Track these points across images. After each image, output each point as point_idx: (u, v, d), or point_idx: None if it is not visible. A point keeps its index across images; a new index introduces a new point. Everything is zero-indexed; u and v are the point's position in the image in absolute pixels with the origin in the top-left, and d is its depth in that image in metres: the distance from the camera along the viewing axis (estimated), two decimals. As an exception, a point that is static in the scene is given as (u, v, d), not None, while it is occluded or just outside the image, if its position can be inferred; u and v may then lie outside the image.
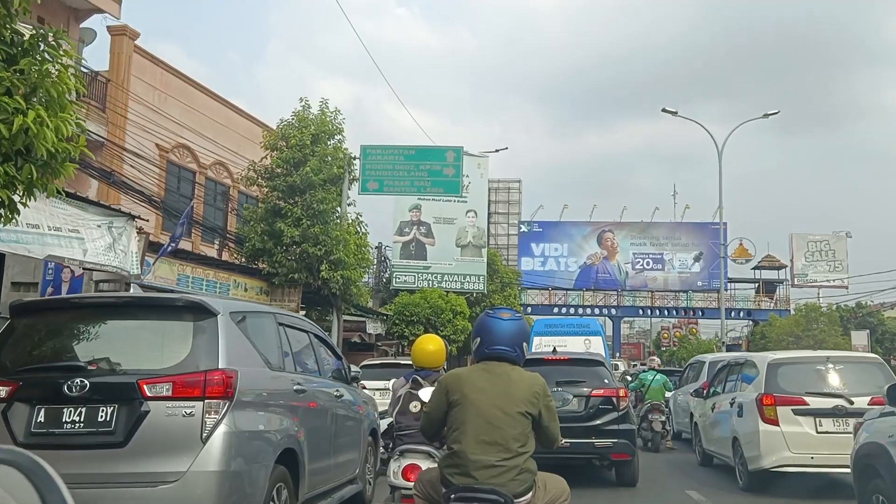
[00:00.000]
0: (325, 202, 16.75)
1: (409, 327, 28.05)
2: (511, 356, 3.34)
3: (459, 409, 3.22)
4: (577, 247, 52.12)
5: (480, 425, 3.14)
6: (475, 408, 3.18)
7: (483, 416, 3.16)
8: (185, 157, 22.46)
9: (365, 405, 7.49)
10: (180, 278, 14.45)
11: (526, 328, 3.53)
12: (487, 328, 3.39)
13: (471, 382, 3.28)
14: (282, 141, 17.43)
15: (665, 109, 25.66)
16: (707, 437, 10.45)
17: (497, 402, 3.18)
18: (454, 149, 18.49)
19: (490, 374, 3.28)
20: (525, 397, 3.21)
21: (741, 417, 8.67)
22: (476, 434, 3.13)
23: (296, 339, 5.96)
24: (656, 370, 13.75)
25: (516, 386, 3.24)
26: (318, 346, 6.58)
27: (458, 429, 3.19)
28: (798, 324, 43.95)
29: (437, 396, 3.40)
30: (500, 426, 3.14)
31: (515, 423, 3.16)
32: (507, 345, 3.33)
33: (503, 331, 3.35)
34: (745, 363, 9.17)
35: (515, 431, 3.15)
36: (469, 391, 3.23)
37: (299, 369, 5.78)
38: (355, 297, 18.31)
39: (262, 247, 17.36)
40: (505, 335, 3.34)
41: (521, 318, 3.49)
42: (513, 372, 3.30)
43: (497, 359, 3.33)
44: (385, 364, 13.61)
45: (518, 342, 3.37)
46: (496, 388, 3.22)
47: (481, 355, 3.39)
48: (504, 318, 3.39)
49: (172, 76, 21.97)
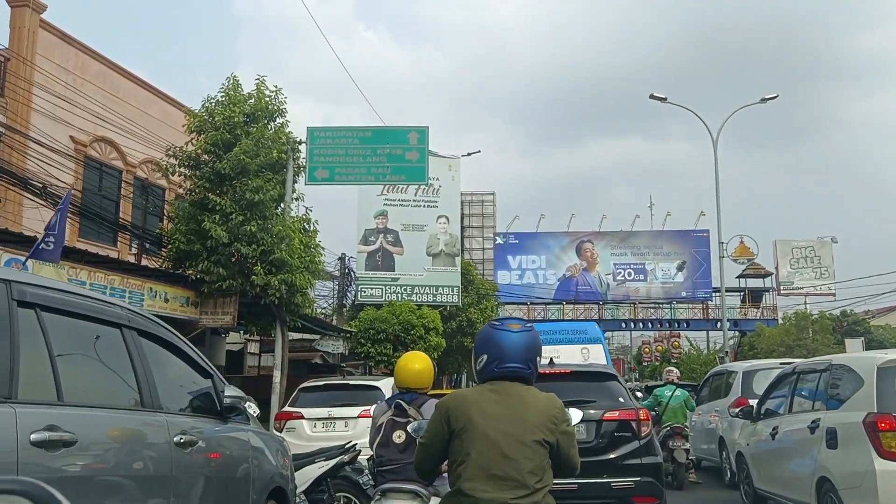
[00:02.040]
0: (260, 191, 13.78)
1: (376, 346, 25.14)
2: (526, 374, 2.86)
3: (465, 439, 2.71)
4: (556, 258, 50.02)
5: (491, 457, 2.66)
6: (484, 437, 2.69)
7: (494, 446, 2.67)
8: (108, 152, 19.42)
9: (258, 452, 4.58)
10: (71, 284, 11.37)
11: (538, 340, 2.96)
12: (496, 343, 2.86)
13: (478, 406, 2.76)
14: (208, 121, 14.48)
15: (653, 96, 23.22)
16: (764, 473, 7.63)
17: (510, 429, 2.70)
18: (418, 129, 15.62)
19: (501, 395, 2.78)
20: (542, 422, 2.73)
21: (834, 449, 5.89)
22: (486, 468, 2.65)
23: (89, 345, 3.11)
24: (675, 384, 10.96)
25: (532, 409, 2.76)
26: (161, 360, 3.73)
27: (464, 462, 2.69)
28: (789, 333, 41.93)
29: (436, 424, 2.84)
30: (514, 458, 2.66)
31: (532, 454, 2.68)
32: (521, 361, 2.84)
33: (515, 345, 2.85)
34: (832, 369, 6.35)
35: (532, 464, 2.67)
36: (477, 416, 2.72)
37: (82, 400, 2.88)
38: (302, 308, 15.26)
39: (189, 249, 14.32)
40: (517, 350, 2.85)
41: (532, 329, 2.95)
42: (526, 393, 2.80)
43: (509, 378, 2.83)
44: (329, 386, 10.62)
45: (532, 357, 2.89)
46: (509, 413, 2.73)
47: (489, 375, 2.84)
48: (514, 331, 2.87)
49: (91, 58, 18.99)
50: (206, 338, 23.20)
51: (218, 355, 25.18)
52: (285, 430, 9.84)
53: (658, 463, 6.88)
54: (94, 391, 3.22)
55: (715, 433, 11.14)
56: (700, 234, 48.93)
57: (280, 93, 15.40)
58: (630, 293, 49.18)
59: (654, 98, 23.22)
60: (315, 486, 6.72)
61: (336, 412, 9.79)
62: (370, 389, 10.24)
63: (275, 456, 4.91)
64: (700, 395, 12.68)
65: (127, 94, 19.71)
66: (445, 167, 30.99)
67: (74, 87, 17.84)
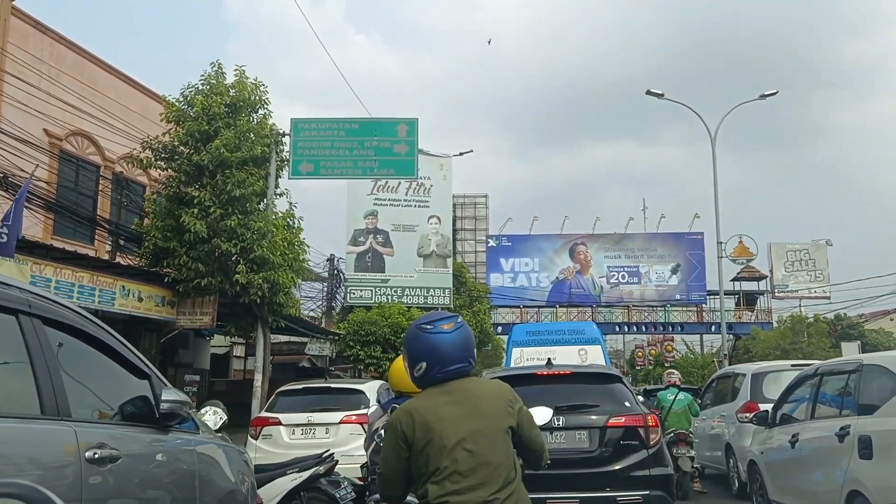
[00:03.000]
0: (242, 186, 13.06)
1: (365, 348, 24.52)
2: (467, 371, 2.71)
3: (430, 451, 2.54)
4: (549, 261, 49.48)
5: (463, 461, 2.52)
6: (450, 441, 2.53)
7: (462, 449, 2.53)
8: (84, 147, 18.65)
9: (207, 467, 3.88)
10: (35, 281, 10.65)
11: (471, 332, 2.80)
12: (433, 347, 2.66)
13: (434, 413, 2.58)
14: (187, 111, 13.75)
15: (650, 92, 22.62)
16: (782, 484, 6.97)
17: (474, 426, 2.57)
18: (407, 121, 14.93)
19: (452, 395, 2.63)
20: (501, 409, 2.65)
21: (868, 460, 5.24)
22: (461, 473, 2.50)
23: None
24: (678, 387, 10.30)
25: (487, 399, 2.65)
26: (76, 356, 3.05)
27: (434, 474, 2.51)
28: (784, 336, 41.57)
29: (393, 445, 2.62)
30: (484, 455, 2.54)
31: (500, 445, 2.59)
32: (463, 360, 2.68)
33: (454, 345, 2.67)
34: (863, 370, 5.69)
35: (502, 455, 2.58)
36: (436, 424, 2.55)
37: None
38: (285, 308, 14.53)
39: (166, 246, 13.60)
40: (457, 350, 2.67)
41: (464, 323, 2.76)
42: (471, 385, 2.69)
43: (453, 379, 2.67)
44: (309, 389, 9.89)
45: (471, 352, 2.73)
46: (467, 411, 2.60)
47: (432, 381, 2.67)
48: (449, 331, 2.68)
49: (67, 48, 18.24)
50: (189, 340, 22.50)
51: (202, 358, 24.45)
52: (261, 437, 9.13)
53: (669, 474, 6.23)
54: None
55: (721, 439, 10.49)
56: (694, 236, 48.52)
57: (262, 84, 14.71)
58: (624, 296, 48.69)
59: (651, 94, 22.64)
60: (287, 501, 6.04)
61: (316, 418, 9.09)
62: (353, 393, 9.54)
63: (231, 470, 4.21)
64: (703, 398, 12.04)
65: (105, 87, 18.95)
66: (437, 166, 30.37)
67: (49, 77, 17.11)
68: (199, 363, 23.38)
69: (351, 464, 8.39)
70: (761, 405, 8.87)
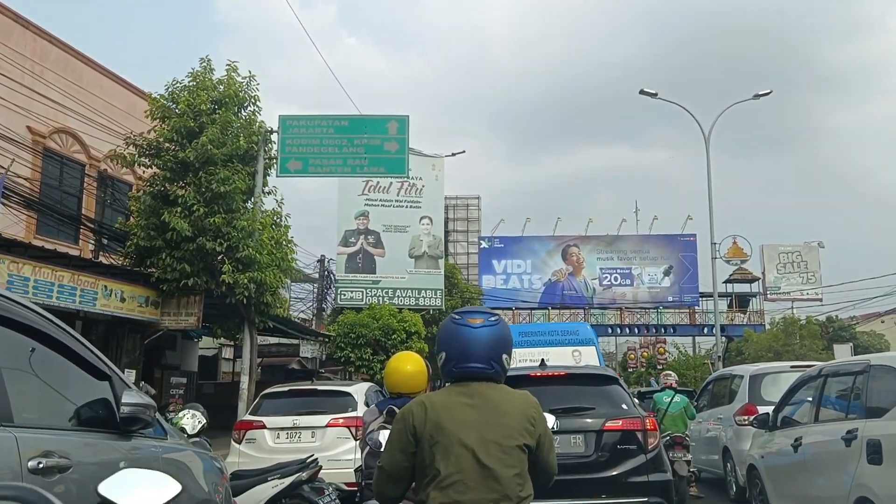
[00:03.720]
0: (227, 183, 12.75)
1: (356, 350, 24.19)
2: (489, 374, 2.51)
3: (437, 451, 2.36)
4: (542, 263, 49.33)
5: (470, 469, 2.33)
6: (460, 446, 2.35)
7: (471, 456, 2.34)
8: (69, 144, 18.29)
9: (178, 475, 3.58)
10: (13, 280, 10.31)
11: (506, 335, 2.60)
12: (455, 339, 2.54)
13: (449, 412, 2.41)
14: (172, 107, 13.44)
15: (644, 91, 22.44)
16: (784, 490, 6.72)
17: (488, 434, 2.38)
18: (398, 118, 14.64)
19: (472, 398, 2.45)
20: (520, 425, 2.43)
21: (878, 465, 4.99)
22: (467, 482, 2.32)
23: None
24: (675, 389, 10.05)
25: (507, 411, 2.44)
26: (21, 355, 2.77)
27: (439, 475, 2.34)
28: (777, 338, 41.53)
29: (401, 438, 2.45)
30: (494, 467, 2.34)
31: (513, 461, 2.38)
32: (482, 360, 2.50)
33: (476, 342, 2.51)
34: (871, 371, 5.43)
35: (514, 472, 2.37)
36: (449, 424, 2.39)
37: None
38: (272, 308, 14.21)
39: (150, 245, 13.27)
40: (478, 347, 2.50)
41: (498, 322, 2.58)
42: (498, 393, 2.50)
43: (471, 379, 2.50)
44: (295, 392, 9.57)
45: (496, 355, 2.53)
46: (483, 418, 2.41)
47: (449, 374, 2.55)
48: (475, 326, 2.53)
49: (51, 45, 17.88)
50: (177, 342, 22.13)
51: (190, 360, 24.07)
52: (245, 442, 8.83)
53: (668, 480, 5.99)
54: None
55: (718, 443, 10.25)
56: (687, 238, 48.45)
57: (253, 79, 14.42)
58: (616, 298, 48.56)
59: (645, 93, 22.46)
60: None
61: (302, 421, 8.79)
62: (340, 396, 9.25)
63: (203, 479, 3.92)
64: (699, 401, 11.80)
65: (90, 84, 18.61)
66: (429, 167, 30.09)
67: (33, 73, 16.77)
68: (186, 365, 23.02)
69: (338, 469, 8.11)
70: (760, 408, 8.64)
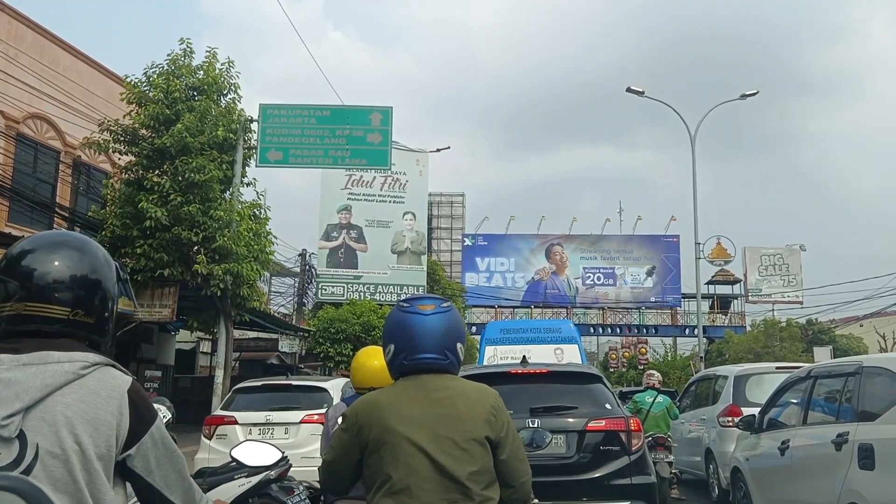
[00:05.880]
0: (203, 171, 12.42)
1: (336, 346, 23.94)
2: (443, 365, 2.28)
3: (384, 453, 2.14)
4: (525, 261, 49.23)
5: (422, 469, 2.10)
6: (410, 445, 2.12)
7: (424, 454, 2.11)
8: (44, 131, 17.83)
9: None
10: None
11: (460, 322, 2.39)
12: (404, 329, 2.30)
13: (395, 409, 2.18)
14: (148, 93, 13.08)
15: (630, 89, 22.33)
16: (770, 494, 6.55)
17: (440, 430, 2.14)
18: (381, 110, 14.35)
19: (421, 391, 2.22)
20: (478, 415, 2.19)
21: (869, 470, 4.81)
22: (420, 484, 2.09)
23: None
24: (657, 390, 9.88)
25: (463, 402, 2.20)
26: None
27: (389, 480, 2.11)
28: (757, 340, 41.77)
29: (345, 436, 2.25)
30: (448, 466, 2.10)
31: (471, 457, 2.13)
32: (435, 350, 2.27)
33: (428, 330, 2.28)
34: (863, 372, 5.25)
35: (473, 468, 2.12)
36: (396, 423, 2.16)
37: None
38: (249, 301, 13.89)
39: (125, 234, 12.91)
40: (431, 336, 2.28)
41: (450, 309, 2.36)
42: (452, 384, 2.25)
43: (423, 371, 2.26)
44: (269, 387, 9.29)
45: (451, 344, 2.30)
46: (435, 412, 2.18)
47: (400, 368, 2.30)
48: (426, 313, 2.30)
49: (27, 28, 17.42)
50: (153, 335, 21.72)
51: (166, 354, 23.67)
52: (215, 437, 8.54)
53: (651, 483, 5.78)
54: None
55: (701, 444, 10.10)
56: (670, 238, 48.59)
57: (232, 66, 14.08)
58: (599, 297, 48.58)
59: (632, 91, 22.34)
60: None
61: (275, 417, 8.52)
62: (315, 391, 8.98)
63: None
64: (682, 401, 11.65)
65: (67, 69, 18.15)
66: (413, 161, 29.83)
67: (7, 57, 16.31)
68: (162, 359, 22.63)
69: (311, 467, 7.83)
70: (745, 409, 8.49)
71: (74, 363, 1.44)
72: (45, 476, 1.35)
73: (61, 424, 1.39)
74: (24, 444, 1.36)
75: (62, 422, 1.39)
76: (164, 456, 1.54)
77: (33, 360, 1.42)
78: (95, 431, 1.42)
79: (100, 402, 1.44)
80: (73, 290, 1.51)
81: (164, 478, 1.54)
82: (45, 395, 1.39)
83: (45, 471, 1.36)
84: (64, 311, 1.51)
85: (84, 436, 1.40)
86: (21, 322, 1.49)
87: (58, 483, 1.36)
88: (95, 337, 1.58)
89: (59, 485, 1.36)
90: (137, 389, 1.53)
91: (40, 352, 1.44)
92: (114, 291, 1.61)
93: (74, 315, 1.52)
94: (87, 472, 1.40)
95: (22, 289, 1.49)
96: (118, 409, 1.46)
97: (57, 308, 1.50)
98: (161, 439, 1.54)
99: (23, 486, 1.29)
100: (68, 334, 1.52)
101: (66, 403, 1.41)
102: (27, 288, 1.49)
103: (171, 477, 1.55)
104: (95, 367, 1.47)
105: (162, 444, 1.54)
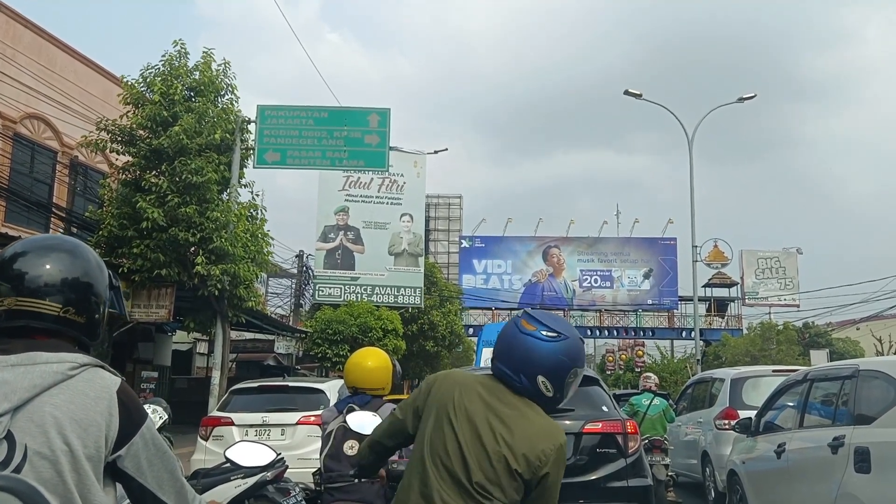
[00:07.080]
0: (201, 173, 12.40)
1: (333, 347, 23.88)
2: (515, 386, 2.12)
3: (439, 424, 2.10)
4: (522, 263, 49.27)
5: (454, 456, 2.04)
6: (450, 429, 2.08)
7: (465, 443, 2.05)
8: (41, 131, 17.81)
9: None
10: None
11: (555, 356, 2.11)
12: (503, 336, 2.23)
13: (463, 392, 2.12)
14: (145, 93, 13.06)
15: (628, 92, 22.36)
16: (766, 497, 6.55)
17: (483, 434, 2.05)
18: (379, 111, 14.36)
19: (493, 395, 2.12)
20: (526, 450, 2.03)
21: (865, 473, 4.81)
22: (452, 469, 2.03)
23: None
24: (654, 392, 9.87)
25: (519, 429, 2.05)
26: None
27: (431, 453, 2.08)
28: (754, 343, 41.75)
29: (414, 393, 2.29)
30: (474, 473, 2.02)
31: (496, 476, 2.02)
32: (510, 367, 2.12)
33: (512, 345, 2.15)
34: (860, 376, 5.25)
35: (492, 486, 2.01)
36: (455, 401, 2.11)
37: None
38: (246, 301, 13.87)
39: (122, 234, 12.89)
40: (515, 354, 2.12)
41: (560, 339, 2.11)
42: (525, 409, 2.10)
43: (502, 379, 2.16)
44: (265, 388, 9.28)
45: (529, 371, 2.09)
46: (489, 418, 2.07)
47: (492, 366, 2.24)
48: (527, 331, 2.14)
49: (24, 28, 17.40)
50: (150, 336, 21.67)
51: (163, 355, 23.60)
52: (211, 438, 8.52)
53: (648, 486, 5.79)
54: None
55: (697, 447, 10.10)
56: (667, 241, 48.65)
57: (228, 66, 14.07)
58: (596, 300, 48.63)
59: (629, 94, 22.36)
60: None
61: (271, 418, 8.51)
62: (312, 392, 8.97)
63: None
64: (678, 404, 11.66)
65: (64, 69, 18.13)
66: (411, 163, 29.82)
67: (4, 56, 16.28)
68: (159, 360, 22.57)
69: (308, 468, 7.82)
70: (741, 412, 8.50)
71: (63, 364, 1.43)
72: (34, 477, 1.34)
73: (50, 425, 1.37)
74: (13, 445, 1.34)
75: (51, 422, 1.37)
76: (156, 456, 1.53)
77: (22, 361, 1.41)
78: (84, 432, 1.40)
79: (88, 402, 1.43)
80: (64, 290, 1.51)
81: (156, 478, 1.52)
82: (34, 395, 1.38)
83: (34, 471, 1.34)
84: (55, 307, 1.49)
85: (73, 436, 1.39)
86: (11, 318, 1.47)
87: (47, 484, 1.34)
88: (85, 338, 1.57)
89: (48, 485, 1.34)
90: (126, 390, 1.51)
91: (29, 352, 1.43)
92: (105, 295, 1.60)
93: (65, 312, 1.51)
94: (76, 472, 1.38)
95: (13, 289, 1.48)
96: (107, 409, 1.45)
97: (48, 304, 1.49)
98: (152, 440, 1.53)
99: (19, 486, 1.28)
100: (58, 333, 1.51)
101: (55, 404, 1.39)
102: (18, 288, 1.48)
103: (164, 477, 1.54)
104: (84, 367, 1.46)
105: (153, 444, 1.53)
